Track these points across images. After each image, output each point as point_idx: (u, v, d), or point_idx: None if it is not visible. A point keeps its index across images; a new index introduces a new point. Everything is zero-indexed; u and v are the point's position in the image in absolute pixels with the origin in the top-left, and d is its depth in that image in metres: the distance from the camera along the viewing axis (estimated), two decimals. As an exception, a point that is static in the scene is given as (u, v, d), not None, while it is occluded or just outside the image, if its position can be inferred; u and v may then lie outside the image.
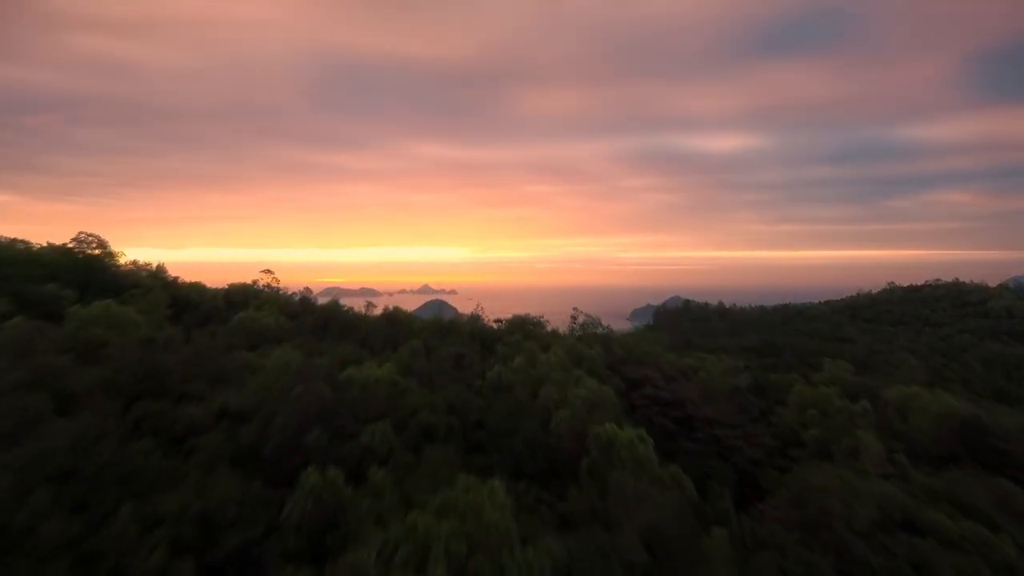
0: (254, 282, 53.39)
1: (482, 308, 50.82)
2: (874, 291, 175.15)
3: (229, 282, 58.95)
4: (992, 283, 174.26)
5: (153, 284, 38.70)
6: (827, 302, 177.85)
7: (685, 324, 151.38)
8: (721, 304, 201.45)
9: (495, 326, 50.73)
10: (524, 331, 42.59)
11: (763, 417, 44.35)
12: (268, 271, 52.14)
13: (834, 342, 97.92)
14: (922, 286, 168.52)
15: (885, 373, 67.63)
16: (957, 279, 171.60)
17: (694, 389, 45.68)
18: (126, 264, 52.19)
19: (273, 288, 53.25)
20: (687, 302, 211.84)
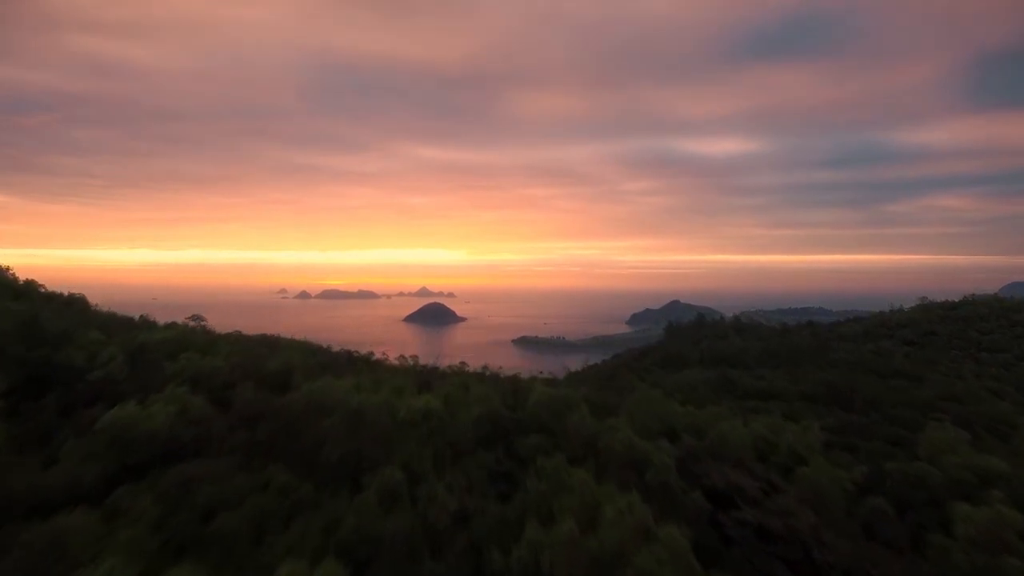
0: (184, 320, 39.19)
1: (495, 366, 36.82)
2: (905, 307, 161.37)
3: (175, 315, 45.33)
4: (991, 289, 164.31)
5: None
6: (856, 319, 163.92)
7: (704, 343, 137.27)
8: (736, 319, 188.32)
9: (515, 390, 36.96)
10: (562, 428, 28.28)
11: (914, 549, 30.31)
12: (197, 316, 37.89)
13: (892, 378, 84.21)
14: (959, 302, 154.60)
15: (998, 436, 53.87)
16: (996, 293, 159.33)
17: (801, 499, 31.68)
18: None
19: (207, 334, 38.88)
20: (700, 316, 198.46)
